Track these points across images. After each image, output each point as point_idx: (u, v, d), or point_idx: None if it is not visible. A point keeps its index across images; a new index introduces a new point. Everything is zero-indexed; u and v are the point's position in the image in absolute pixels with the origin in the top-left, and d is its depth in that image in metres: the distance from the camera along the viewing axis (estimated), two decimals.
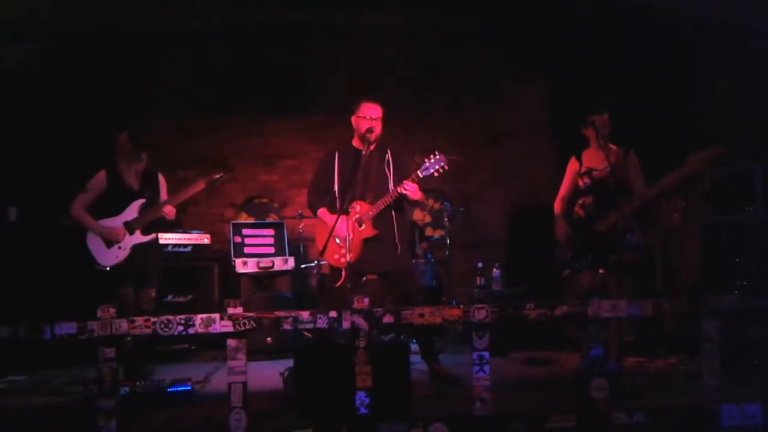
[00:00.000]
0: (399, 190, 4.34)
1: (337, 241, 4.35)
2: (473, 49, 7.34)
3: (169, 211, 4.66)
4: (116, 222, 4.61)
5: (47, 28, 6.23)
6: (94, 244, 4.61)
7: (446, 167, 4.31)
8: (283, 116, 7.30)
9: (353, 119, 4.63)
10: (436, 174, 4.33)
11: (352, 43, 7.30)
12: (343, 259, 4.22)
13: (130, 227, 4.60)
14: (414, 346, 5.11)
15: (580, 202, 4.57)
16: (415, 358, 4.52)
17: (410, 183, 4.34)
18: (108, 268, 4.57)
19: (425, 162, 4.32)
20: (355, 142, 4.64)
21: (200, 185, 4.72)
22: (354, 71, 7.26)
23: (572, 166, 4.69)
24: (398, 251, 4.51)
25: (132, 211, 4.64)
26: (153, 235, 4.70)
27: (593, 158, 4.52)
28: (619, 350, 4.23)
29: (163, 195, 4.85)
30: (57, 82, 6.42)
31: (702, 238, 5.40)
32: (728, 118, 5.71)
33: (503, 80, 7.44)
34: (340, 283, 4.29)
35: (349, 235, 4.20)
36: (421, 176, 4.32)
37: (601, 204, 4.38)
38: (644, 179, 4.34)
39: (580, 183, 4.57)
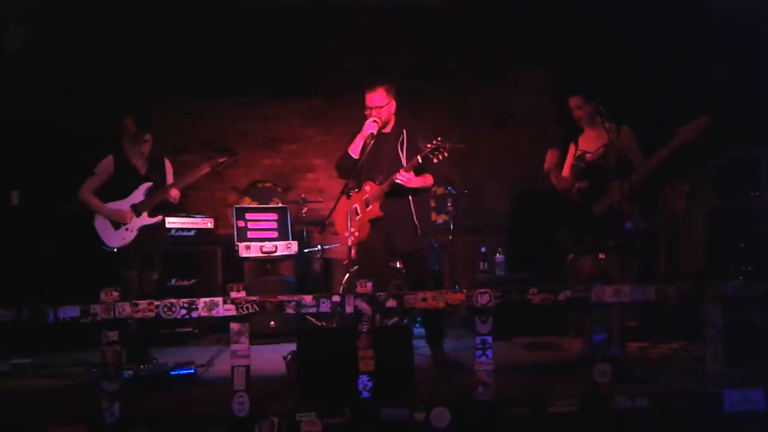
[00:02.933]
0: (394, 179, 4.34)
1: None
2: (476, 33, 7.28)
3: (175, 194, 4.75)
4: (124, 205, 4.70)
5: (49, 9, 6.20)
6: (102, 226, 4.70)
7: (446, 154, 4.23)
8: (285, 100, 7.27)
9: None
10: (435, 160, 4.25)
11: (354, 26, 7.25)
12: (350, 237, 4.35)
13: (137, 209, 4.69)
14: (417, 331, 5.14)
15: (576, 186, 4.59)
16: (418, 342, 4.53)
17: (404, 173, 4.31)
18: (116, 250, 4.66)
19: (427, 147, 4.27)
20: None
21: (205, 169, 4.82)
22: (356, 54, 7.22)
23: (572, 151, 4.73)
24: (418, 232, 4.51)
25: (139, 194, 4.73)
26: (159, 217, 4.81)
27: (586, 140, 4.59)
28: (621, 335, 4.23)
29: (170, 179, 4.93)
30: (59, 65, 6.40)
31: (706, 224, 5.38)
32: (734, 103, 5.67)
33: (507, 64, 7.37)
34: (347, 261, 4.42)
35: (358, 214, 4.37)
36: (420, 161, 4.28)
37: (596, 187, 4.41)
38: (642, 151, 4.35)
39: (579, 165, 4.60)
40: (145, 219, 4.72)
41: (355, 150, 4.49)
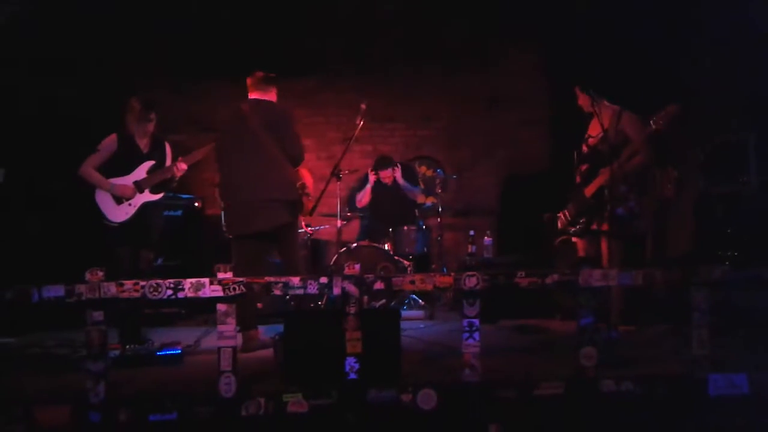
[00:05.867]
0: None
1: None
2: (469, 14, 7.23)
3: (182, 167, 4.80)
4: (126, 181, 4.73)
5: None
6: (104, 200, 4.72)
7: None
8: (276, 80, 7.19)
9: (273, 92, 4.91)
10: None
11: (347, 7, 7.18)
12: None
13: (139, 186, 4.74)
14: (405, 313, 5.14)
15: (580, 169, 4.66)
16: (405, 325, 4.54)
17: None
18: (117, 224, 4.68)
19: None
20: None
21: (208, 149, 4.90)
22: (348, 36, 7.16)
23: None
24: None
25: (141, 172, 4.77)
26: (161, 194, 4.86)
27: (593, 125, 4.63)
28: (619, 319, 4.28)
29: (169, 163, 4.93)
30: (48, 41, 6.29)
31: (694, 209, 5.41)
32: (723, 89, 5.67)
33: (499, 46, 7.34)
34: None
35: None
36: None
37: (592, 170, 4.48)
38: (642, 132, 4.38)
39: (584, 149, 4.68)
40: (148, 195, 4.76)
41: None
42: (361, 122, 5.13)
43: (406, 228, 6.27)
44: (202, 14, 6.92)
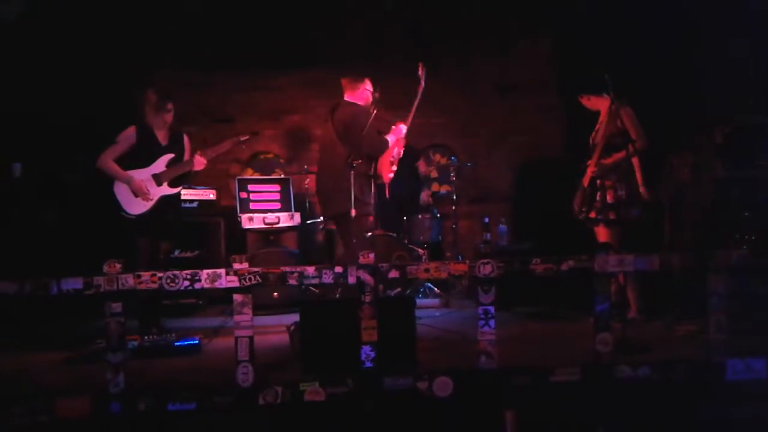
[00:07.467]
0: None
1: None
2: (481, 2, 7.17)
3: (200, 161, 4.85)
4: (144, 174, 4.75)
5: None
6: (122, 192, 4.74)
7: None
8: (288, 70, 7.20)
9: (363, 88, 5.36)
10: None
11: None
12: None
13: (158, 179, 4.76)
14: (420, 301, 5.13)
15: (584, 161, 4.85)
16: (420, 313, 4.54)
17: None
18: (134, 216, 4.71)
19: None
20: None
21: (227, 145, 5.01)
22: (359, 24, 7.12)
23: None
24: None
25: (160, 165, 4.80)
26: (180, 188, 4.90)
27: (600, 120, 4.85)
28: (625, 304, 4.29)
29: (187, 155, 4.97)
30: (57, 34, 6.32)
31: (711, 193, 5.37)
32: (741, 73, 5.60)
33: (512, 34, 7.28)
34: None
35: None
36: None
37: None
38: (637, 125, 4.54)
39: (590, 143, 4.87)
40: (165, 189, 4.78)
41: None
42: (374, 111, 5.12)
43: (420, 216, 6.26)
44: (210, 6, 6.90)
